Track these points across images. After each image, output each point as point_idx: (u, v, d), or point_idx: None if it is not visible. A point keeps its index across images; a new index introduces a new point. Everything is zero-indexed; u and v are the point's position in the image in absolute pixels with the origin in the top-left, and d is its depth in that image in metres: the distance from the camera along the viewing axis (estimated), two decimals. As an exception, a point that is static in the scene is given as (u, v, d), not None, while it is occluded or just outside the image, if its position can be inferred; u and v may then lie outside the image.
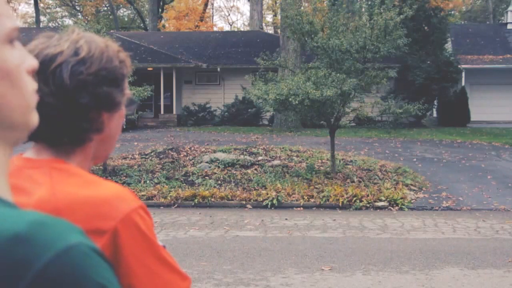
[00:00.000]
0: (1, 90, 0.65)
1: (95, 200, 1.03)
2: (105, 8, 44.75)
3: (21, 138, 0.71)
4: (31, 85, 0.71)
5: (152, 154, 13.44)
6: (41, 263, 0.54)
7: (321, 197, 9.98)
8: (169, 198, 10.07)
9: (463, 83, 23.40)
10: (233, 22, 54.77)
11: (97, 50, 1.13)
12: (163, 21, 39.39)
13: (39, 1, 39.68)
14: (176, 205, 9.95)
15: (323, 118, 11.83)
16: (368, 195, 9.92)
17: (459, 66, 23.11)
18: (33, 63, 0.72)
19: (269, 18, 45.38)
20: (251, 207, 9.84)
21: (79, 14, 43.36)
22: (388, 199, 9.85)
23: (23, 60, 0.70)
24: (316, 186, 10.59)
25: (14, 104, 0.67)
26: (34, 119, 0.71)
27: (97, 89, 1.11)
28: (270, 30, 44.67)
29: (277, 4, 36.22)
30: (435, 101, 23.20)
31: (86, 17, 40.57)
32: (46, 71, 1.05)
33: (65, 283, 0.55)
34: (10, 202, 0.64)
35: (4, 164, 0.68)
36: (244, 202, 9.98)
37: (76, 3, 43.08)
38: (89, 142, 1.13)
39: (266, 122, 22.93)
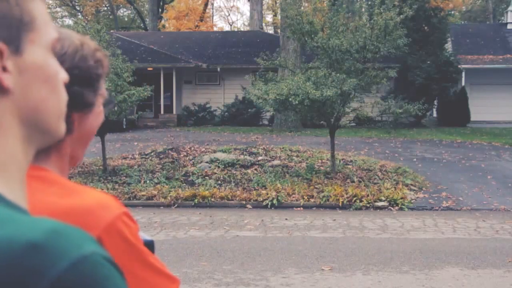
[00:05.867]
0: (43, 93, 0.69)
1: (76, 210, 1.01)
2: (105, 8, 44.75)
3: (46, 143, 0.73)
4: (65, 95, 0.75)
5: (152, 154, 13.44)
6: (56, 272, 0.54)
7: (321, 197, 9.98)
8: (169, 198, 10.07)
9: (463, 83, 23.39)
10: (233, 22, 54.79)
11: (71, 48, 1.11)
12: (163, 21, 39.38)
13: (39, 1, 39.58)
14: (176, 205, 9.95)
15: (323, 118, 11.83)
16: (368, 195, 9.92)
17: (459, 66, 23.10)
18: (65, 76, 0.77)
19: (269, 18, 45.36)
20: (251, 207, 9.83)
21: (79, 14, 43.34)
22: (388, 199, 9.85)
23: (59, 70, 0.74)
24: (316, 186, 10.59)
25: (52, 109, 0.70)
26: (63, 128, 0.74)
27: (68, 88, 1.10)
28: (270, 30, 44.66)
29: (277, 4, 36.21)
30: (435, 101, 23.19)
31: (86, 17, 40.55)
32: None
33: None
34: (24, 208, 0.64)
35: (24, 167, 0.68)
36: (244, 202, 9.98)
37: (76, 3, 43.06)
38: (62, 142, 1.11)
39: (266, 122, 22.92)
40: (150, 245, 1.14)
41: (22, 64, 0.66)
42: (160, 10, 38.68)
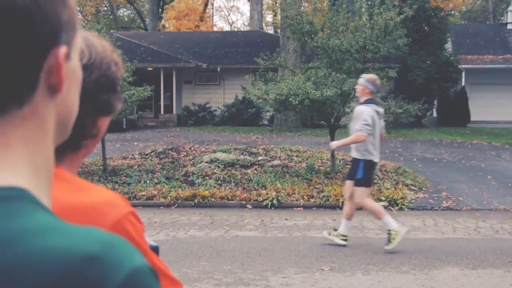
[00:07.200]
0: (75, 97, 0.70)
1: (84, 206, 1.01)
2: (105, 8, 44.77)
3: (58, 144, 0.73)
4: None
5: (152, 154, 13.43)
6: (114, 284, 0.55)
7: (321, 197, 9.98)
8: (169, 198, 10.07)
9: (463, 83, 23.40)
10: (233, 22, 54.79)
11: (97, 56, 1.11)
12: (163, 21, 39.39)
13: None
14: (176, 205, 9.95)
15: (323, 118, 11.83)
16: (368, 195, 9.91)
17: (459, 66, 23.11)
18: None
19: (269, 18, 45.38)
20: (251, 207, 9.83)
21: (79, 14, 43.34)
22: (388, 199, 9.85)
23: None
24: (316, 186, 10.59)
25: (75, 113, 0.71)
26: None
27: (97, 96, 1.10)
28: (270, 30, 44.67)
29: (277, 4, 36.21)
30: (435, 101, 23.20)
31: (86, 17, 40.58)
32: None
33: None
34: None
35: (52, 169, 0.68)
36: (244, 202, 9.98)
37: (76, 3, 43.05)
38: (82, 147, 1.12)
39: (266, 122, 22.92)
40: (155, 250, 1.14)
41: (68, 69, 0.66)
42: (160, 10, 38.68)
